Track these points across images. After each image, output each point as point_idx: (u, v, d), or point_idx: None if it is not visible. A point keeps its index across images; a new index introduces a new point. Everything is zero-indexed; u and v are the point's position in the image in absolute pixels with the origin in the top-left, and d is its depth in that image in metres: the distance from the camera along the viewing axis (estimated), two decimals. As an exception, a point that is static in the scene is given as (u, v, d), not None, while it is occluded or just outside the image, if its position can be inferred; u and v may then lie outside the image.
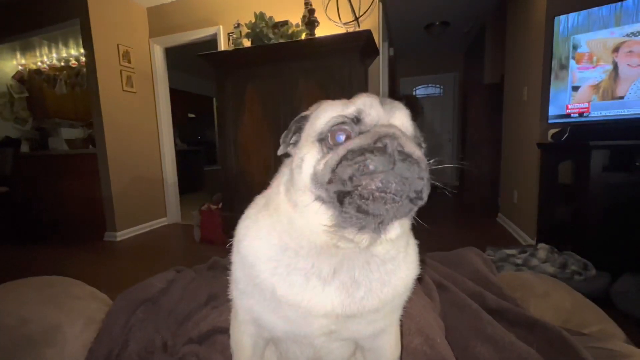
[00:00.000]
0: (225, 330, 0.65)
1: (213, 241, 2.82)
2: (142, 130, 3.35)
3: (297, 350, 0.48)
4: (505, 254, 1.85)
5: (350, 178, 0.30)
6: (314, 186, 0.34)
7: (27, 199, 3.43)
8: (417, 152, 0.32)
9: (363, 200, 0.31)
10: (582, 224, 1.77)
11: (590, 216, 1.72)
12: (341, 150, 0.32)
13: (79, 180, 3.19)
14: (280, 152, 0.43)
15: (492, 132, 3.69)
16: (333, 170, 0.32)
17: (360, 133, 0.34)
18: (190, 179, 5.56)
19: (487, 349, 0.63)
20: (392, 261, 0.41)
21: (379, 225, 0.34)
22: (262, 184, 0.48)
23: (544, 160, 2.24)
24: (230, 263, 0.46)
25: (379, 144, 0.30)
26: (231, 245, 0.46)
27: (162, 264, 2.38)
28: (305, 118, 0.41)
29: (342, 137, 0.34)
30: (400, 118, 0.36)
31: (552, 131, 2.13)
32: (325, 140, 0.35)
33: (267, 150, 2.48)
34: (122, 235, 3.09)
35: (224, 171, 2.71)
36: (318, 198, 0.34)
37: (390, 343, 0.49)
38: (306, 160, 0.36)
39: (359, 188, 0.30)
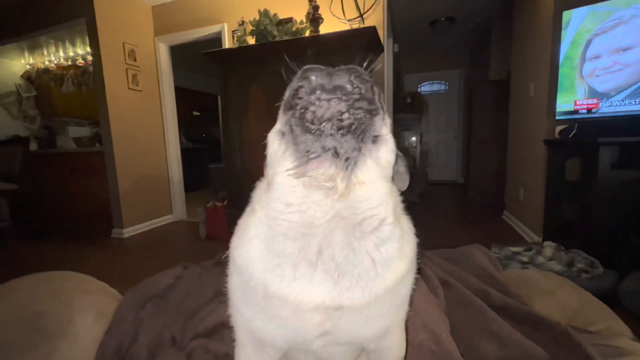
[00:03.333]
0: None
1: (218, 238, 2.84)
2: (147, 128, 3.38)
3: (302, 358, 0.47)
4: (510, 252, 1.84)
5: (298, 98, 0.34)
6: (278, 132, 0.38)
7: (36, 196, 3.49)
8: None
9: (308, 114, 0.33)
10: (589, 222, 1.76)
11: (597, 214, 1.71)
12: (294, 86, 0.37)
13: (86, 178, 3.23)
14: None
15: (498, 129, 3.66)
16: (287, 99, 0.36)
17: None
18: (196, 176, 5.60)
19: (492, 346, 0.63)
20: (389, 242, 0.38)
21: (336, 153, 0.34)
22: None
23: (551, 157, 2.22)
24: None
25: (308, 72, 0.35)
26: (227, 257, 0.46)
27: (169, 261, 2.42)
28: None
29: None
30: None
31: (559, 128, 2.11)
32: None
33: (272, 147, 2.49)
34: (129, 232, 3.13)
35: (228, 169, 2.72)
36: (279, 133, 0.38)
37: (394, 343, 0.49)
38: (275, 126, 0.40)
39: (304, 105, 0.33)
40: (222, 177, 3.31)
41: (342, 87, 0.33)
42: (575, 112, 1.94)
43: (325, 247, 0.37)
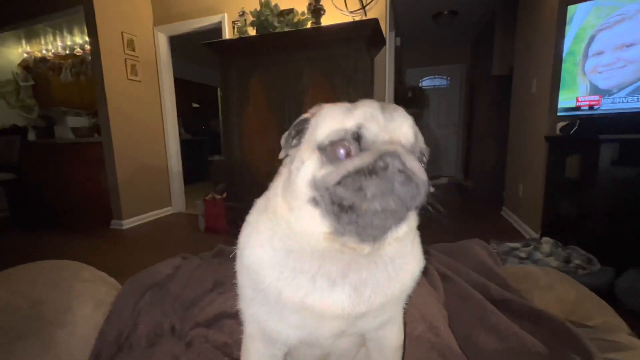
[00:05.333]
0: (231, 315, 0.66)
1: (217, 230, 2.84)
2: (146, 119, 3.35)
3: (307, 351, 0.48)
4: (508, 248, 1.84)
5: (348, 201, 0.31)
6: (310, 189, 0.34)
7: (35, 186, 3.48)
8: (418, 170, 0.32)
9: (360, 218, 0.31)
10: (587, 219, 1.76)
11: (596, 211, 1.71)
12: (341, 170, 0.32)
13: (85, 169, 3.22)
14: (281, 155, 0.42)
15: (498, 125, 3.65)
16: (331, 191, 0.32)
17: (361, 150, 0.34)
18: (195, 168, 5.58)
19: (490, 339, 0.63)
20: (401, 257, 0.41)
21: (379, 234, 0.34)
22: (266, 174, 0.47)
23: (551, 154, 2.22)
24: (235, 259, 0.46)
25: (380, 163, 0.30)
26: (234, 253, 0.45)
27: (168, 252, 2.42)
28: (306, 121, 0.40)
29: (343, 153, 0.34)
30: (401, 128, 0.35)
31: (560, 124, 2.10)
32: (326, 152, 0.34)
33: (272, 140, 2.47)
34: (129, 223, 3.13)
35: (228, 161, 2.71)
36: (312, 200, 0.34)
37: (394, 331, 0.50)
38: (306, 165, 0.35)
39: (356, 209, 0.31)
40: (222, 169, 3.30)
41: (402, 200, 0.31)
42: (577, 108, 1.93)
43: (349, 267, 0.38)
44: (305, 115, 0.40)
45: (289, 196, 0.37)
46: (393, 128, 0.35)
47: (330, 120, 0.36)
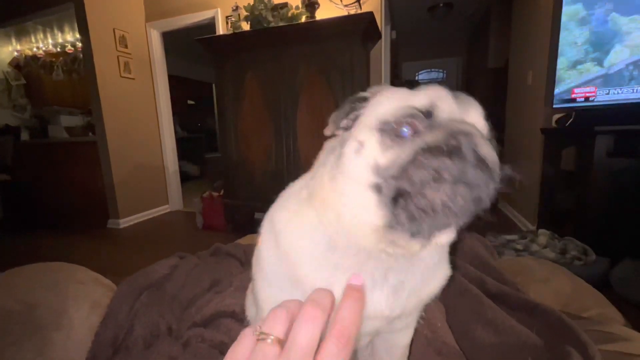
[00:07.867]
0: (228, 314, 0.66)
1: (215, 228, 2.84)
2: (141, 117, 3.32)
3: None
4: (505, 240, 1.86)
5: (421, 182, 0.28)
6: (373, 175, 0.31)
7: (29, 187, 3.45)
8: (492, 155, 0.30)
9: (419, 211, 0.28)
10: (583, 210, 1.77)
11: (592, 202, 1.72)
12: (413, 145, 0.29)
13: (80, 168, 3.19)
14: (328, 131, 0.38)
15: (495, 118, 3.64)
16: (404, 169, 0.29)
17: (431, 128, 0.30)
18: (192, 166, 5.56)
19: (487, 333, 0.63)
20: (433, 264, 0.40)
21: (434, 230, 0.31)
22: (262, 171, 0.46)
23: (547, 146, 2.22)
24: (233, 254, 0.45)
25: (453, 142, 0.28)
26: (251, 237, 0.44)
27: (166, 251, 2.41)
28: (364, 100, 0.36)
29: (407, 132, 0.30)
30: (474, 115, 0.33)
31: (556, 116, 2.10)
32: (388, 132, 0.31)
33: (268, 136, 2.46)
34: (125, 222, 3.12)
35: (224, 158, 2.70)
36: (374, 187, 0.31)
37: (408, 331, 0.50)
38: (367, 147, 0.32)
39: (419, 196, 0.28)
40: (219, 166, 3.29)
41: (473, 188, 0.28)
42: (573, 100, 1.93)
43: (389, 269, 0.38)
44: (363, 93, 0.36)
45: (342, 182, 0.34)
46: (466, 112, 0.32)
47: (395, 99, 0.33)
